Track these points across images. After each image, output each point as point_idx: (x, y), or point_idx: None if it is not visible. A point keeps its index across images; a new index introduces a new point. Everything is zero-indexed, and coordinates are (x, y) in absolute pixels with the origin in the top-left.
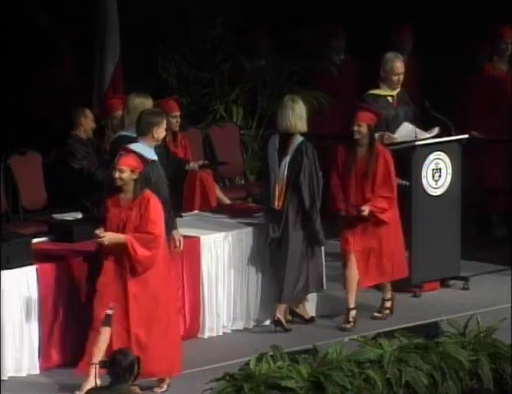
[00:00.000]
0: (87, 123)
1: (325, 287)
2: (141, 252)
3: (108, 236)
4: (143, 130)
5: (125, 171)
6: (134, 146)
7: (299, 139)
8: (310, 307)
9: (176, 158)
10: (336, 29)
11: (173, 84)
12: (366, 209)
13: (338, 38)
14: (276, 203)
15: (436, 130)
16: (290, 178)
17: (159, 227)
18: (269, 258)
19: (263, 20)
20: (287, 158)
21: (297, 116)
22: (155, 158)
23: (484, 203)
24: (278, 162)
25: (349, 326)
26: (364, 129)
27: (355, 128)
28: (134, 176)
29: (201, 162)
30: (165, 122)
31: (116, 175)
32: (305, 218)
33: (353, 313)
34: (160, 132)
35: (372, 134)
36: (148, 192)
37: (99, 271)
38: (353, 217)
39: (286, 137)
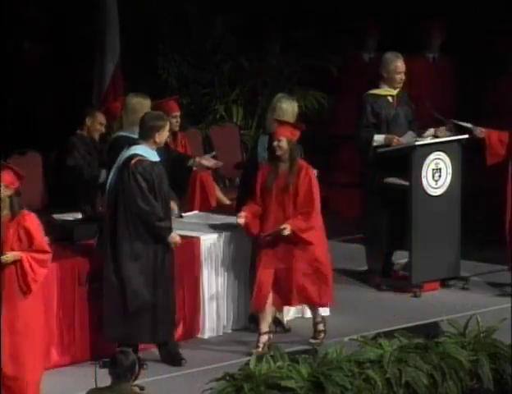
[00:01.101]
0: (93, 124)
1: None
2: (38, 270)
3: (11, 254)
4: (145, 134)
5: None
6: (136, 149)
7: None
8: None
9: (178, 153)
10: (370, 27)
11: (173, 84)
12: (287, 228)
13: (372, 35)
14: None
15: (431, 131)
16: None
17: (47, 245)
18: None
19: (263, 20)
20: None
21: (277, 117)
22: (157, 159)
23: (484, 204)
24: None
25: (258, 350)
26: (284, 144)
27: (275, 143)
28: (9, 192)
29: (208, 157)
30: (168, 126)
31: None
32: None
33: (264, 337)
34: (162, 136)
35: (293, 148)
36: (25, 210)
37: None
38: (271, 236)
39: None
